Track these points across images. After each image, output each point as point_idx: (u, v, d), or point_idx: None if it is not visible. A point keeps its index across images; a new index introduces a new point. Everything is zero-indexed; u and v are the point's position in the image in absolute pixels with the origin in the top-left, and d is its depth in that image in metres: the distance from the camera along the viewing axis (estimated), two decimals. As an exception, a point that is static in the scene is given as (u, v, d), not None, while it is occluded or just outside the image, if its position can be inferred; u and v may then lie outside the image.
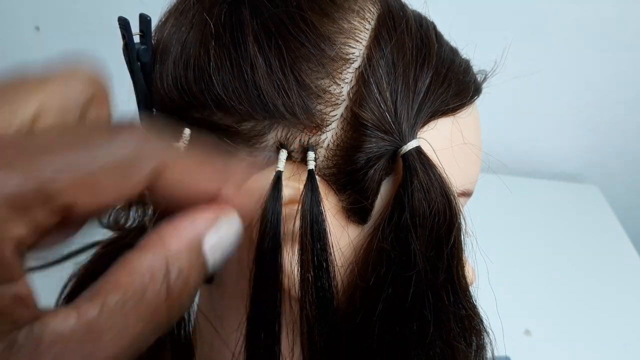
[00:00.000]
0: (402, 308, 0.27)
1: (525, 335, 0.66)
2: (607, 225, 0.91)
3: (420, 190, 0.26)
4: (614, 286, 0.76)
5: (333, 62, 0.27)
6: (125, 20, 0.28)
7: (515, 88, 0.94)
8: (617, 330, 0.68)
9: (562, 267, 0.79)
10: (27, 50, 1.07)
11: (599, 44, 0.91)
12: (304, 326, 0.28)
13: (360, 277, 0.28)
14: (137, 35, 0.29)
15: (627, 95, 0.96)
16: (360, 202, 0.27)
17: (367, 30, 0.28)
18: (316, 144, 0.27)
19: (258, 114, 0.26)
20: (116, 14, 0.28)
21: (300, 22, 0.27)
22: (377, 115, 0.26)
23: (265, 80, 0.26)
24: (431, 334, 0.28)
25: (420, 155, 0.26)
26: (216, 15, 0.28)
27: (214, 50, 0.27)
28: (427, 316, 0.27)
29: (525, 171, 1.06)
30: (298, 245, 0.27)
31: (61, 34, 1.04)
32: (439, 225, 0.27)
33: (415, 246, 0.26)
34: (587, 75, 0.95)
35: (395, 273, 0.27)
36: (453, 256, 0.28)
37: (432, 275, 0.27)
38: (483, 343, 0.31)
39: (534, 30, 0.90)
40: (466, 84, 0.30)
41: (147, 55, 0.29)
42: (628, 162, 1.03)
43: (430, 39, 0.29)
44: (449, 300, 0.28)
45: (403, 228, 0.26)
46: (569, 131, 1.01)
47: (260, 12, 0.27)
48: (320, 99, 0.26)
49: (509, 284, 0.71)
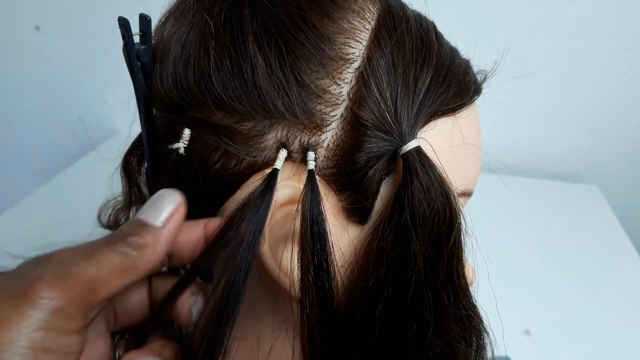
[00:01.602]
0: (402, 308, 0.27)
1: (525, 335, 0.66)
2: (607, 225, 0.90)
3: (420, 190, 0.26)
4: (614, 286, 0.75)
5: (333, 62, 0.27)
6: (125, 20, 0.28)
7: (515, 88, 0.94)
8: (617, 330, 0.68)
9: (562, 267, 0.79)
10: (27, 50, 1.07)
11: (599, 44, 0.91)
12: (304, 326, 0.28)
13: (360, 277, 0.28)
14: (137, 35, 0.29)
15: (627, 95, 0.96)
16: (360, 202, 0.27)
17: (367, 30, 0.28)
18: (316, 144, 0.27)
19: (258, 113, 0.26)
20: (116, 14, 0.28)
21: (300, 22, 0.27)
22: (377, 115, 0.26)
23: (265, 80, 0.26)
24: (431, 334, 0.28)
25: (420, 155, 0.26)
26: (216, 15, 0.28)
27: (214, 50, 0.27)
28: (427, 316, 0.27)
29: (525, 171, 1.06)
30: (298, 245, 0.27)
31: (61, 34, 1.04)
32: (439, 225, 0.27)
33: (415, 246, 0.26)
34: (587, 75, 0.95)
35: (396, 273, 0.27)
36: (453, 256, 0.28)
37: (432, 275, 0.27)
38: (483, 343, 0.31)
39: (534, 30, 0.90)
40: (466, 84, 0.30)
41: (147, 55, 0.29)
42: (628, 162, 1.03)
43: (430, 39, 0.29)
44: (449, 300, 0.28)
45: (403, 228, 0.26)
46: (569, 131, 1.01)
47: (260, 12, 0.27)
48: (320, 99, 0.26)
49: (509, 284, 0.71)
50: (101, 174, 0.38)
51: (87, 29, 1.03)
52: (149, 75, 0.30)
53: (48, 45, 1.05)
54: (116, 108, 1.10)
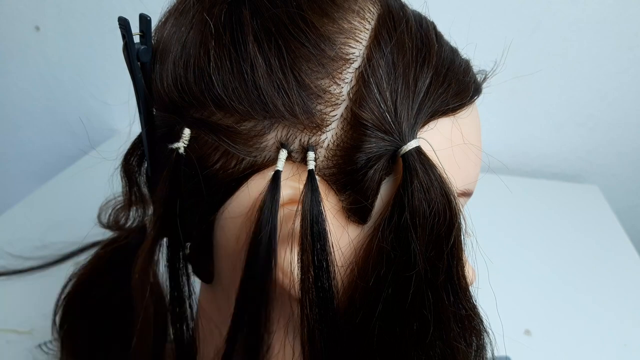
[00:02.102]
0: (402, 308, 0.27)
1: (525, 335, 0.66)
2: (607, 225, 0.90)
3: (420, 190, 0.26)
4: (614, 286, 0.75)
5: (333, 62, 0.27)
6: (125, 20, 0.28)
7: (515, 88, 0.94)
8: (617, 330, 0.68)
9: (562, 267, 0.79)
10: (27, 50, 1.07)
11: (599, 44, 0.91)
12: (304, 326, 0.28)
13: (360, 277, 0.28)
14: (137, 35, 0.29)
15: (627, 95, 0.96)
16: (360, 202, 0.27)
17: (367, 30, 0.28)
18: (316, 144, 0.27)
19: (258, 113, 0.26)
20: (116, 14, 0.28)
21: (300, 22, 0.27)
22: (377, 115, 0.26)
23: (265, 80, 0.26)
24: (431, 334, 0.28)
25: (420, 155, 0.26)
26: (216, 15, 0.28)
27: (214, 50, 0.27)
28: (427, 316, 0.27)
29: (525, 171, 1.06)
30: (298, 245, 0.27)
31: (61, 34, 1.04)
32: (439, 225, 0.27)
33: (415, 246, 0.26)
34: (587, 75, 0.95)
35: (396, 273, 0.27)
36: (453, 256, 0.28)
37: (432, 275, 0.27)
38: (483, 343, 0.31)
39: (533, 30, 0.90)
40: (466, 84, 0.30)
41: (147, 55, 0.29)
42: (628, 162, 1.03)
43: (430, 39, 0.29)
44: (449, 300, 0.28)
45: (403, 228, 0.26)
46: (569, 131, 1.01)
47: (260, 12, 0.27)
48: (320, 99, 0.26)
49: (509, 284, 0.71)
50: (101, 174, 0.38)
51: (87, 29, 1.03)
52: (149, 75, 0.30)
53: (48, 45, 1.05)
54: (116, 108, 1.10)
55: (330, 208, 0.28)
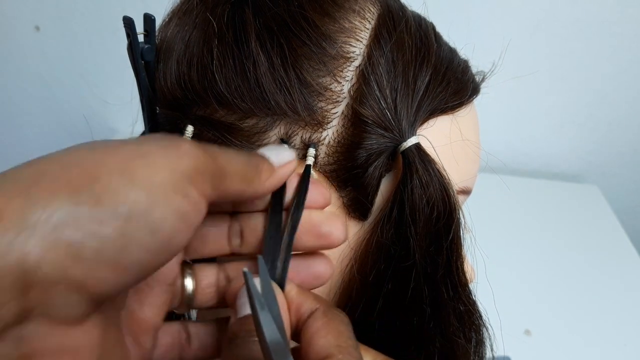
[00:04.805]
0: (401, 303, 0.27)
1: (525, 335, 0.66)
2: (607, 225, 0.91)
3: (420, 186, 0.26)
4: (613, 286, 0.76)
5: (334, 61, 0.27)
6: (130, 19, 0.28)
7: (514, 88, 0.94)
8: (617, 330, 0.68)
9: (562, 267, 0.79)
10: (27, 50, 1.07)
11: (598, 44, 0.91)
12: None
13: (360, 272, 0.28)
14: (141, 35, 0.29)
15: (627, 95, 0.96)
16: (360, 198, 0.28)
17: (367, 29, 0.28)
18: (317, 140, 0.27)
19: (260, 111, 0.27)
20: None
21: (302, 21, 0.27)
22: (377, 113, 0.27)
23: (267, 78, 0.26)
24: (431, 329, 0.28)
25: (419, 152, 0.27)
26: (219, 15, 0.28)
27: (217, 48, 0.27)
28: (426, 311, 0.28)
29: (525, 171, 1.06)
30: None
31: (61, 34, 1.04)
32: (438, 221, 0.27)
33: (415, 241, 0.27)
34: (587, 76, 0.95)
35: (395, 268, 0.27)
36: (452, 251, 0.28)
37: (431, 270, 0.27)
38: (482, 338, 0.31)
39: (533, 30, 0.90)
40: (464, 83, 0.31)
41: (150, 54, 0.29)
42: (628, 162, 1.04)
43: (429, 39, 0.30)
44: (448, 295, 0.28)
45: (403, 223, 0.27)
46: (569, 131, 1.01)
47: (262, 11, 0.28)
48: (321, 97, 0.27)
49: (509, 284, 0.71)
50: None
51: (87, 29, 1.03)
52: (153, 73, 0.30)
53: (48, 45, 1.06)
54: (116, 108, 1.10)
55: (331, 204, 0.28)
